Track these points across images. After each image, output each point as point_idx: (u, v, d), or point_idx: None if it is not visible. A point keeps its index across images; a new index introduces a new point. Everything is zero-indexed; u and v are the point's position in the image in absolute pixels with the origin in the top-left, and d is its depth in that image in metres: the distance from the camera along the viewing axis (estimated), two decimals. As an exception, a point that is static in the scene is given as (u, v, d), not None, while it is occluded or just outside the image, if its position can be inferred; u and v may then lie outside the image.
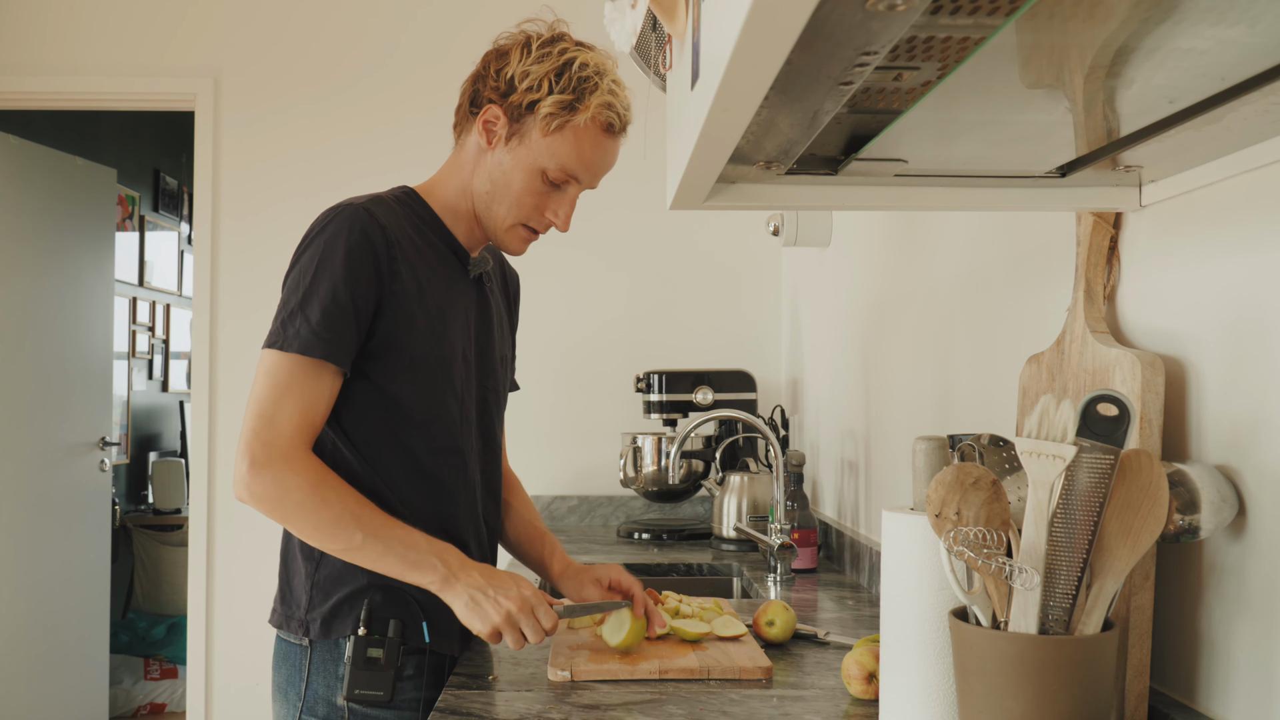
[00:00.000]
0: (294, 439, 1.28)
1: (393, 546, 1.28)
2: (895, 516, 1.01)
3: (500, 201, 1.41)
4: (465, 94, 1.46)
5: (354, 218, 1.33)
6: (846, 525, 2.26)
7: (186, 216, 5.73)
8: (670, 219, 3.10)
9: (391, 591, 1.35)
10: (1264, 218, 0.88)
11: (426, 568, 1.28)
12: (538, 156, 1.38)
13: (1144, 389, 0.96)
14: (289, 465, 1.27)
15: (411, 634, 1.36)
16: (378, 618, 1.35)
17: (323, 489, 1.28)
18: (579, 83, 1.36)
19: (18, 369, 3.63)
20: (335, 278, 1.30)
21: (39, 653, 3.65)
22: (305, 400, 1.29)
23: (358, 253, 1.31)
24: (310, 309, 1.29)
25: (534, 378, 3.11)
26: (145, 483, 5.36)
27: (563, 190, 1.42)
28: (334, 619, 1.36)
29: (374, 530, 1.28)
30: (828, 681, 1.33)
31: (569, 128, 1.37)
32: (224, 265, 3.13)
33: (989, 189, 1.05)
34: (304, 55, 3.14)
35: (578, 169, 1.39)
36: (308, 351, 1.28)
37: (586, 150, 1.39)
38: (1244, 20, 0.62)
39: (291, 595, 1.40)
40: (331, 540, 1.28)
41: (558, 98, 1.35)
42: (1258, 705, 0.88)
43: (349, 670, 1.32)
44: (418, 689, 1.37)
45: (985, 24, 0.63)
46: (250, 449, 1.27)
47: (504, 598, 1.28)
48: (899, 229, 1.93)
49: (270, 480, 1.26)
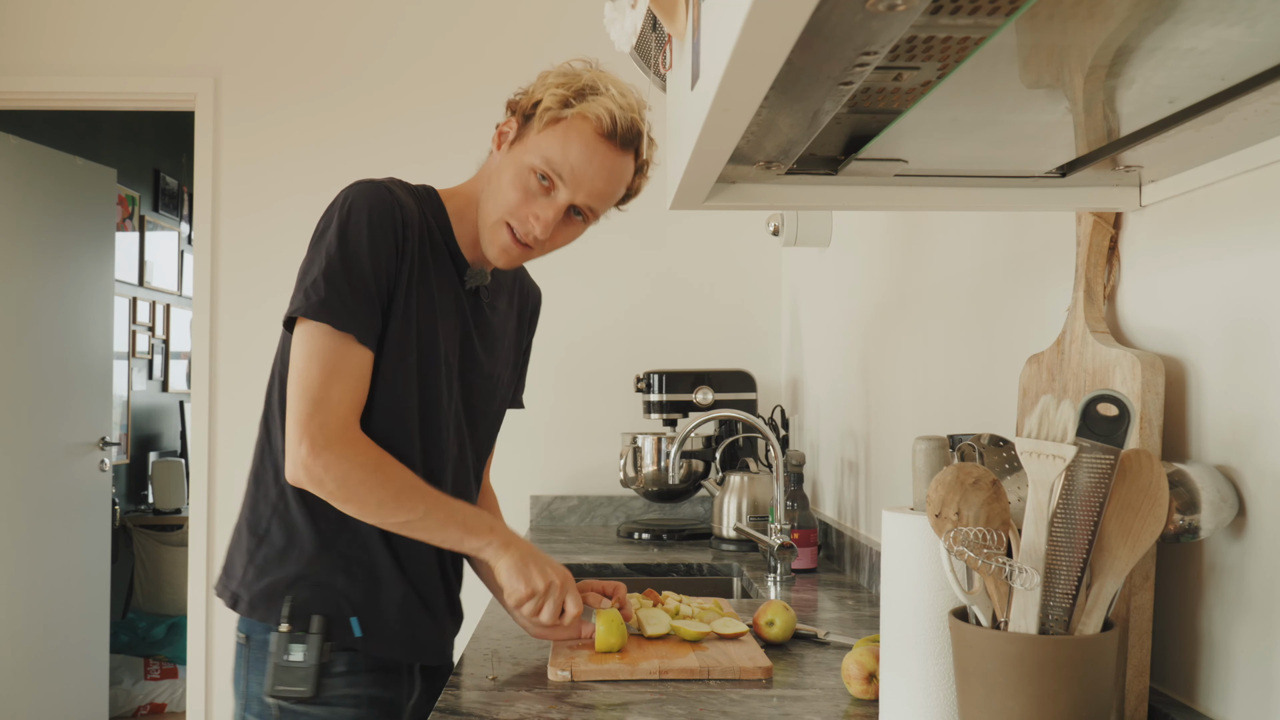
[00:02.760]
0: (349, 419, 1.30)
1: (454, 514, 1.34)
2: (895, 516, 1.01)
3: (489, 198, 1.40)
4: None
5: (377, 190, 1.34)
6: (846, 525, 2.26)
7: (186, 216, 5.73)
8: (670, 219, 3.10)
9: (319, 588, 1.35)
10: (1264, 218, 0.88)
11: (484, 531, 1.35)
12: (527, 151, 1.36)
13: (1144, 389, 0.96)
14: (349, 445, 1.29)
15: (338, 630, 1.35)
16: (302, 614, 1.34)
17: (384, 466, 1.31)
18: (587, 88, 1.35)
19: (18, 369, 3.63)
20: (362, 250, 1.31)
21: (39, 653, 3.65)
22: (353, 379, 1.31)
23: (380, 228, 1.32)
24: (340, 280, 1.30)
25: (535, 378, 3.10)
26: (145, 483, 5.36)
27: (550, 196, 1.36)
28: (261, 601, 1.36)
29: (434, 501, 1.33)
30: (828, 681, 1.33)
31: (561, 123, 1.34)
32: (224, 265, 3.13)
33: (989, 189, 1.05)
34: (304, 54, 3.14)
35: (562, 167, 1.34)
36: (342, 326, 1.29)
37: (574, 148, 1.33)
38: (1244, 20, 0.62)
39: (234, 566, 1.42)
40: (395, 513, 1.31)
41: (558, 94, 1.34)
42: (1258, 705, 0.88)
43: (271, 667, 1.33)
44: (353, 685, 1.36)
45: (985, 24, 0.63)
46: (308, 432, 1.28)
47: (550, 569, 1.37)
48: (899, 229, 1.93)
49: (333, 460, 1.28)
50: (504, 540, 1.35)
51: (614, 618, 1.41)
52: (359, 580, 1.37)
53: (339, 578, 1.36)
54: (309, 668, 1.32)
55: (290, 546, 1.37)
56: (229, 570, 1.43)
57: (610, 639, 1.39)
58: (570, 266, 3.10)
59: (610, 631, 1.39)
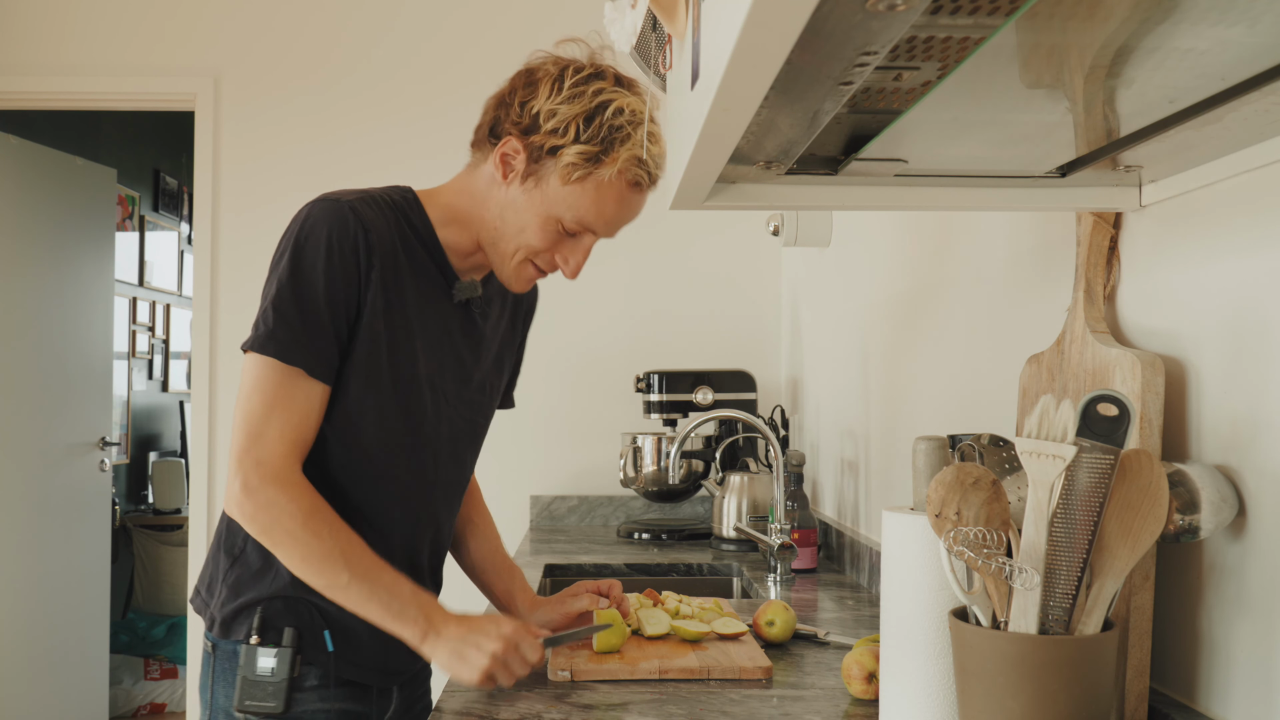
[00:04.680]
0: (287, 458, 1.23)
1: (378, 592, 1.23)
2: (895, 516, 1.01)
3: (509, 240, 1.32)
4: (487, 115, 1.34)
5: (337, 213, 1.25)
6: (846, 525, 2.26)
7: (186, 216, 5.73)
8: (671, 219, 3.10)
9: (291, 601, 1.29)
10: (1264, 218, 0.88)
11: (409, 620, 1.23)
12: (553, 205, 1.28)
13: (1144, 389, 0.96)
14: (282, 490, 1.22)
15: (310, 644, 1.29)
16: (273, 627, 1.29)
17: (314, 520, 1.22)
18: (609, 132, 1.25)
19: (18, 369, 3.63)
20: (317, 279, 1.23)
21: (39, 653, 3.65)
22: (297, 414, 1.24)
23: (339, 254, 1.24)
24: (290, 311, 1.23)
25: (534, 378, 3.11)
26: (145, 483, 5.36)
27: (577, 239, 1.32)
28: (234, 621, 1.31)
29: (362, 573, 1.23)
30: (828, 681, 1.33)
31: (591, 180, 1.26)
32: (224, 264, 3.13)
33: (989, 189, 1.05)
34: (304, 53, 3.14)
35: (595, 223, 1.29)
36: (289, 359, 1.22)
37: (609, 206, 1.28)
38: (1244, 20, 0.62)
39: (208, 585, 1.36)
40: (318, 576, 1.23)
41: (583, 148, 1.25)
42: (1258, 705, 0.88)
43: (240, 679, 1.27)
44: (324, 700, 1.31)
45: (985, 24, 0.63)
46: (242, 468, 1.22)
47: (487, 641, 1.23)
48: (900, 229, 1.93)
49: (263, 504, 1.21)
50: (426, 631, 1.23)
51: (614, 617, 1.41)
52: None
53: (315, 594, 1.27)
54: (279, 682, 1.26)
55: (266, 568, 1.30)
56: (208, 587, 1.37)
57: (611, 639, 1.39)
58: (570, 266, 3.10)
59: (611, 632, 1.39)
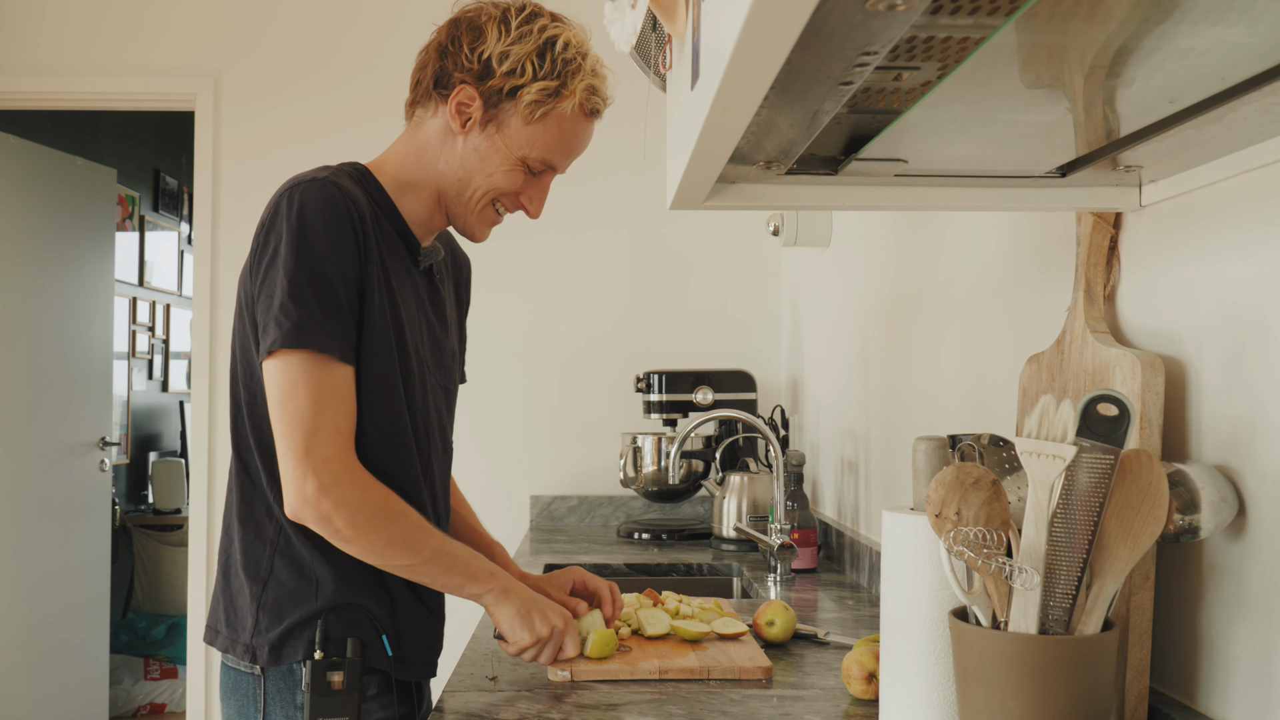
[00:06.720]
0: (347, 449, 1.23)
1: (456, 560, 1.28)
2: (895, 516, 1.01)
3: (476, 187, 1.35)
4: (428, 69, 1.36)
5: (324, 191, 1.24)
6: (846, 525, 2.26)
7: (186, 216, 5.73)
8: (670, 219, 3.10)
9: (346, 610, 1.27)
10: (1264, 218, 0.88)
11: (484, 577, 1.29)
12: (518, 145, 1.32)
13: (1144, 389, 0.96)
14: (353, 481, 1.21)
15: (372, 652, 1.28)
16: (334, 639, 1.26)
17: (391, 503, 1.24)
18: (562, 65, 1.30)
19: (18, 369, 3.63)
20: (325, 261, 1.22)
21: (39, 653, 3.65)
22: (343, 401, 1.23)
23: (339, 231, 1.23)
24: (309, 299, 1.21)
25: (534, 377, 3.11)
26: (145, 483, 5.36)
27: (539, 178, 1.37)
28: (285, 644, 1.27)
29: (438, 543, 1.26)
30: (828, 681, 1.33)
31: (553, 115, 1.31)
32: (224, 265, 3.13)
33: (989, 189, 1.05)
34: (303, 53, 3.14)
35: (559, 158, 1.35)
36: (322, 348, 1.21)
37: (570, 139, 1.34)
38: (1244, 20, 0.62)
39: (236, 617, 1.30)
40: (401, 556, 1.24)
41: (543, 84, 1.29)
42: (1258, 705, 0.88)
43: (309, 698, 1.24)
44: (384, 708, 1.30)
45: (985, 24, 0.63)
46: (311, 467, 1.19)
47: (552, 614, 1.31)
48: (899, 229, 1.93)
49: (341, 500, 1.20)
50: (503, 586, 1.29)
51: (607, 635, 1.37)
52: (382, 601, 1.30)
53: (365, 599, 1.28)
54: (350, 695, 1.24)
55: (304, 583, 1.27)
56: (233, 622, 1.31)
57: (602, 649, 1.36)
58: (570, 266, 3.10)
59: (598, 644, 1.35)
